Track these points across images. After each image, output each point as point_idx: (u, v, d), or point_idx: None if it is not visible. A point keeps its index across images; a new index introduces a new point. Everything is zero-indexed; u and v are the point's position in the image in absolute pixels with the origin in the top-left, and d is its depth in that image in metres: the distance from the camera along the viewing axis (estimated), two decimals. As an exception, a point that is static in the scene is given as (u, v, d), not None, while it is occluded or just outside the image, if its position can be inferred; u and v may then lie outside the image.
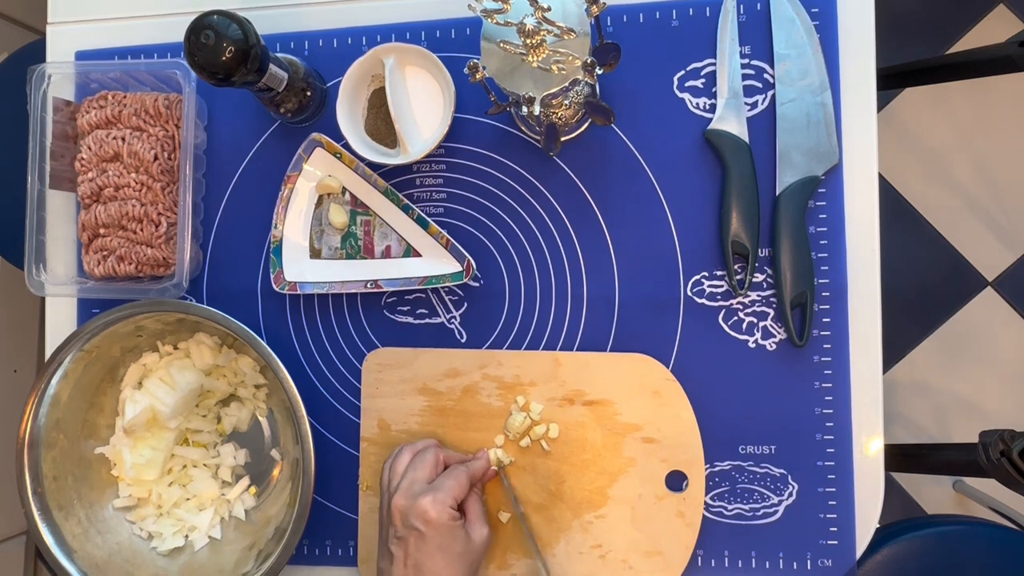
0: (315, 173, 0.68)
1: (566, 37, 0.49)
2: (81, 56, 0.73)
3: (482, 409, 0.65)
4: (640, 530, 0.62)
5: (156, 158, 0.67)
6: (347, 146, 0.65)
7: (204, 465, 0.70)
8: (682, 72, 0.65)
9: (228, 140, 0.70)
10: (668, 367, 0.64)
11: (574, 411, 0.64)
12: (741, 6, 0.64)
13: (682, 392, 0.62)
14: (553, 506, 0.63)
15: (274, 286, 0.67)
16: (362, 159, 0.65)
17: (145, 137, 0.67)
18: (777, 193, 0.63)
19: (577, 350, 0.66)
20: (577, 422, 0.63)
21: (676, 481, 0.62)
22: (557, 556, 0.63)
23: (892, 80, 1.01)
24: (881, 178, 1.06)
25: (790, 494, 0.63)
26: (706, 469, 0.64)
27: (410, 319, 0.68)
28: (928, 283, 1.40)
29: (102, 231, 0.69)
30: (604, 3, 0.49)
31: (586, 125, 0.65)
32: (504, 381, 0.64)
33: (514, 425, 0.63)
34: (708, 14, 0.64)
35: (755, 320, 0.63)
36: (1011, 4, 1.39)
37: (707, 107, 0.64)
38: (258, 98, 0.64)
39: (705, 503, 0.63)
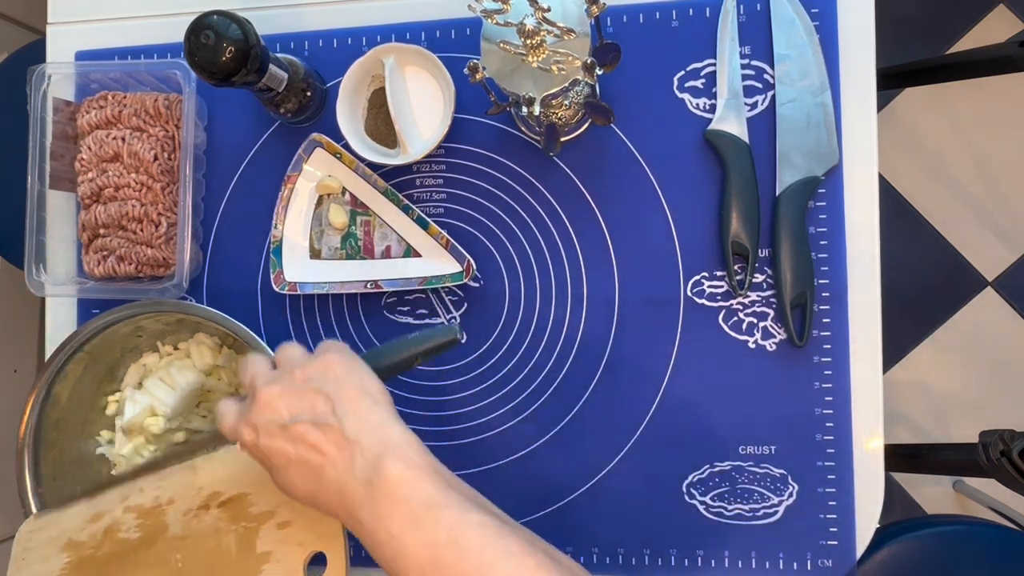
0: (315, 173, 0.68)
1: (566, 37, 0.49)
2: (81, 56, 0.73)
3: (120, 548, 0.56)
4: None
5: (156, 158, 0.67)
6: (347, 146, 0.65)
7: (204, 465, 0.70)
8: (682, 72, 0.65)
9: (228, 140, 0.70)
10: (668, 367, 0.64)
11: (208, 519, 0.55)
12: (741, 6, 0.64)
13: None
14: None
15: (274, 286, 0.67)
16: (362, 159, 0.65)
17: (145, 137, 0.67)
18: (777, 193, 0.63)
19: (577, 350, 0.65)
20: (211, 530, 0.55)
21: (320, 563, 0.54)
22: None
23: (892, 80, 1.01)
24: (881, 178, 1.06)
25: (790, 494, 0.63)
26: (706, 469, 0.64)
27: (410, 319, 0.68)
28: (928, 283, 1.40)
29: (102, 231, 0.69)
30: (604, 3, 0.49)
31: (586, 125, 0.65)
32: (144, 508, 0.57)
33: None
34: (708, 14, 0.64)
35: (755, 320, 0.63)
36: (1011, 4, 1.39)
37: (707, 107, 0.64)
38: (258, 98, 0.64)
39: (705, 503, 0.63)
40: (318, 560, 0.53)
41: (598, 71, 0.51)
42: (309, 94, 0.66)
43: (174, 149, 0.68)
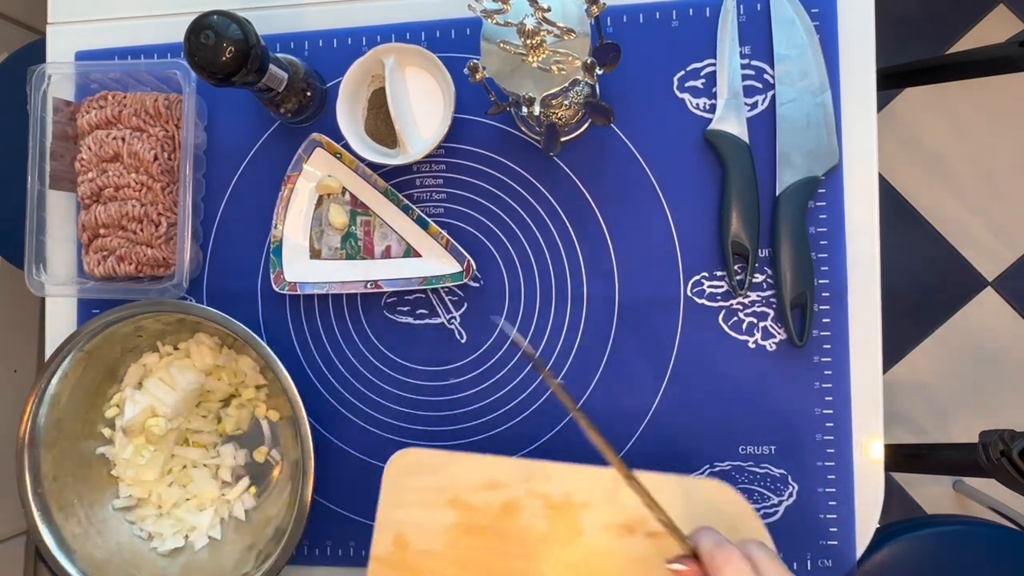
0: (315, 173, 0.68)
1: (566, 37, 0.49)
2: (81, 56, 0.73)
3: (523, 532, 0.54)
4: None
5: (156, 158, 0.67)
6: (347, 146, 0.65)
7: (204, 465, 0.70)
8: (682, 72, 0.65)
9: (228, 140, 0.70)
10: (668, 367, 0.64)
11: (633, 543, 0.52)
12: (741, 6, 0.64)
13: (759, 523, 0.52)
14: None
15: (274, 286, 0.67)
16: (362, 159, 0.65)
17: (145, 137, 0.67)
18: (777, 193, 0.63)
19: (577, 350, 0.65)
20: (638, 557, 0.52)
21: None
22: None
23: (892, 80, 1.01)
24: (881, 178, 1.06)
25: (790, 494, 0.63)
26: (706, 469, 0.64)
27: (410, 319, 0.68)
28: (928, 283, 1.40)
29: (102, 231, 0.69)
30: (604, 3, 0.49)
31: (586, 125, 0.65)
32: (552, 499, 0.54)
33: None
34: (708, 14, 0.64)
35: (755, 320, 0.63)
36: (1011, 4, 1.39)
37: (707, 107, 0.64)
38: (258, 98, 0.64)
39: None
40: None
41: (598, 71, 0.51)
42: (309, 94, 0.66)
43: (174, 149, 0.68)
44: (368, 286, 0.66)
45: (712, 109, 0.64)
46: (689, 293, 0.64)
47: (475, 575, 0.54)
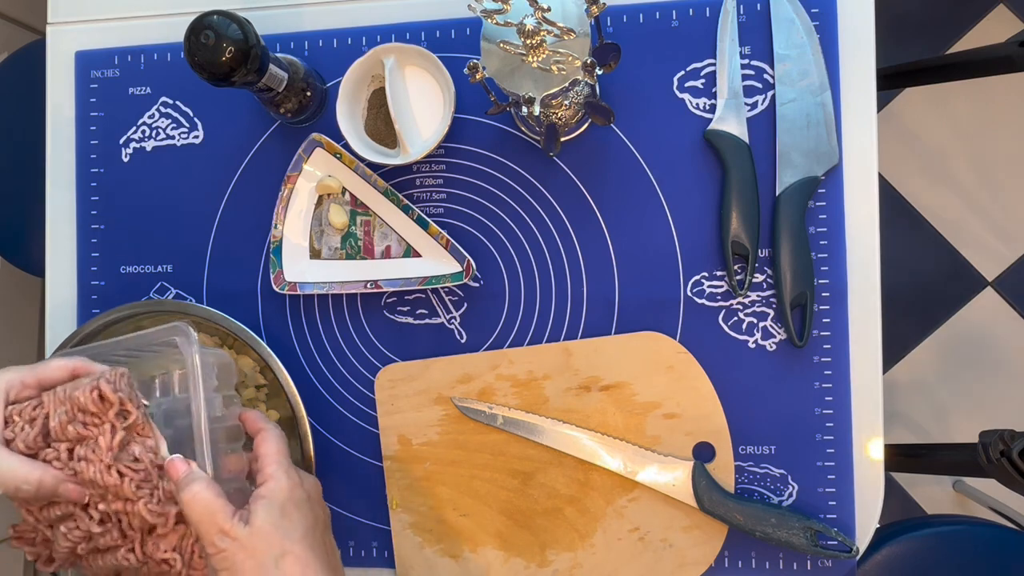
0: (315, 173, 0.68)
1: (566, 37, 0.49)
2: (81, 56, 0.73)
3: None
4: (675, 507, 0.62)
5: (122, 474, 0.49)
6: (347, 146, 0.65)
7: (204, 465, 0.70)
8: (682, 72, 0.65)
9: (228, 140, 0.70)
10: (668, 367, 0.64)
11: (592, 398, 0.64)
12: (741, 6, 0.64)
13: (696, 364, 0.63)
14: (585, 496, 0.64)
15: (274, 286, 0.67)
16: (362, 159, 0.65)
17: (94, 453, 0.49)
18: (777, 193, 0.63)
19: (577, 350, 0.66)
20: (597, 408, 0.64)
21: (704, 453, 0.63)
22: (596, 545, 0.63)
23: (892, 80, 1.01)
24: (881, 178, 1.06)
25: (790, 494, 0.63)
26: (706, 469, 0.64)
27: (410, 319, 0.68)
28: (928, 283, 1.40)
29: None
30: (604, 3, 0.49)
31: (586, 125, 0.65)
32: (518, 379, 0.65)
33: None
34: (708, 14, 0.64)
35: (755, 320, 0.63)
36: (1011, 4, 1.39)
37: (707, 107, 0.64)
38: (258, 98, 0.64)
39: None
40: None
41: (598, 71, 0.51)
42: (309, 94, 0.66)
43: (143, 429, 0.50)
44: (368, 286, 0.66)
45: (712, 109, 0.64)
46: (689, 293, 0.64)
47: (467, 450, 0.65)
